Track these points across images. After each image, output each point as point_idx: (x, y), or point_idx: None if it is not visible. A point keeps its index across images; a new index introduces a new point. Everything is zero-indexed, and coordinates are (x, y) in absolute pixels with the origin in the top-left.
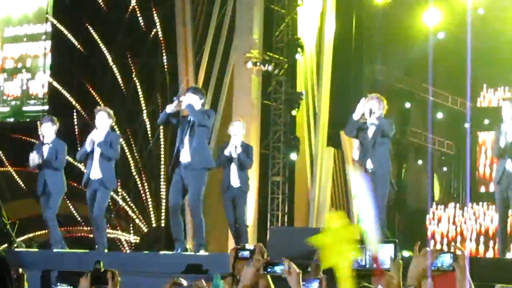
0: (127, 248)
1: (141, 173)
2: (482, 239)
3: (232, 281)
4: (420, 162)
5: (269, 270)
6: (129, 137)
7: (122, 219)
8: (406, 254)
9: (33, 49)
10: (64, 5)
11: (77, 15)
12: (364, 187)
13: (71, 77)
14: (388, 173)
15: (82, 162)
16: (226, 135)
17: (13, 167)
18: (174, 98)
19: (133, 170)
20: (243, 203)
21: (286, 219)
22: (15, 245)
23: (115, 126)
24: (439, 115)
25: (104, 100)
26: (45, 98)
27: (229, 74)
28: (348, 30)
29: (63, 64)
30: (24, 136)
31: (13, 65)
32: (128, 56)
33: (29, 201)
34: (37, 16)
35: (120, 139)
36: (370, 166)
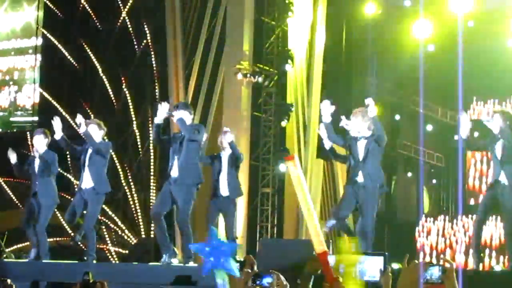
0: (116, 259)
1: (130, 184)
2: (471, 251)
3: None
4: (409, 175)
5: (258, 282)
6: (119, 148)
7: (111, 230)
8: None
9: (20, 62)
10: (55, 17)
11: (67, 26)
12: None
13: (61, 88)
14: (378, 186)
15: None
16: (216, 147)
17: (1, 178)
18: (167, 113)
19: (123, 181)
20: (232, 214)
21: (275, 231)
22: (4, 255)
23: (105, 137)
24: (429, 127)
25: (94, 111)
26: (32, 109)
27: (219, 86)
28: (338, 42)
29: (54, 75)
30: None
31: (1, 77)
32: (118, 67)
33: (18, 211)
34: (24, 31)
35: (110, 148)
36: (361, 180)
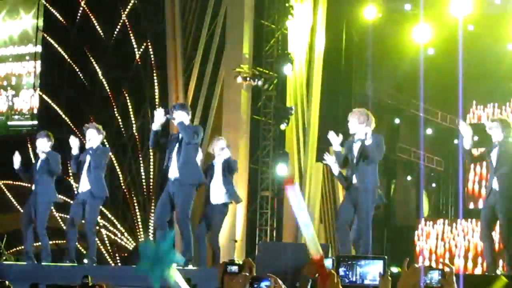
0: (115, 262)
1: (130, 187)
2: (470, 255)
3: None
4: (409, 178)
5: (255, 286)
6: (119, 151)
7: (110, 234)
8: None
9: (18, 68)
10: (55, 21)
11: (67, 30)
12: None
13: (61, 91)
14: (372, 188)
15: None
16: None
17: (2, 181)
18: (167, 116)
19: (122, 185)
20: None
21: (274, 234)
22: (4, 258)
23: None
24: (429, 131)
25: (93, 114)
26: (29, 114)
27: (218, 89)
28: (338, 46)
29: (53, 79)
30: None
31: None
32: (118, 71)
33: (18, 214)
34: (21, 38)
35: (109, 153)
36: (355, 181)
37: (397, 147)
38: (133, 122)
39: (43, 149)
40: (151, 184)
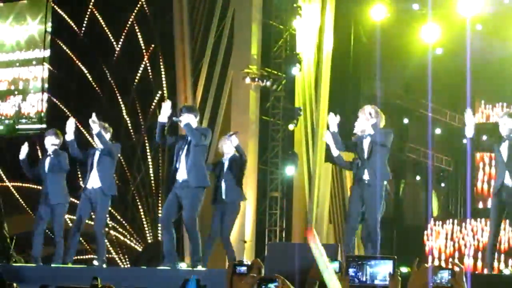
0: (125, 263)
1: (139, 188)
2: (480, 255)
3: None
4: (418, 178)
5: (263, 287)
6: (127, 153)
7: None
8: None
9: (25, 73)
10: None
11: (75, 32)
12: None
13: (69, 94)
14: (383, 183)
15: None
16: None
17: (11, 182)
18: (174, 119)
19: (131, 186)
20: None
21: (284, 235)
22: (13, 260)
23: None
24: (437, 131)
25: (102, 116)
26: (36, 117)
27: (227, 90)
28: (346, 46)
29: (62, 82)
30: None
31: (7, 87)
32: (126, 72)
33: (26, 216)
34: (28, 43)
35: (119, 149)
36: (366, 177)
37: (406, 147)
38: (142, 123)
39: (51, 147)
40: (160, 185)
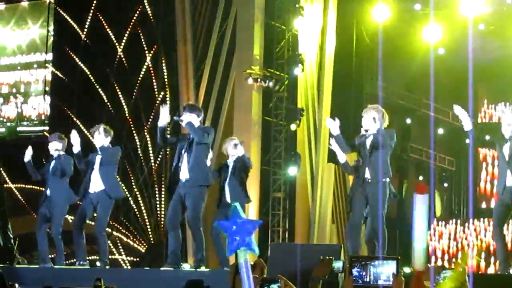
0: (127, 265)
1: (142, 190)
2: (483, 255)
3: None
4: (421, 178)
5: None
6: (130, 154)
7: (123, 235)
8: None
9: (26, 76)
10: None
11: (77, 32)
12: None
13: (72, 96)
14: (385, 180)
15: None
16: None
17: (13, 184)
18: (175, 118)
19: (134, 187)
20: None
21: (286, 235)
22: (17, 261)
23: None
24: (440, 131)
25: (105, 117)
26: (37, 120)
27: (229, 91)
28: (348, 46)
29: (64, 84)
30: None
31: (8, 90)
32: (129, 72)
33: (29, 217)
34: (29, 47)
35: (120, 152)
36: (368, 176)
37: (408, 147)
38: (144, 124)
39: (55, 151)
40: (163, 186)
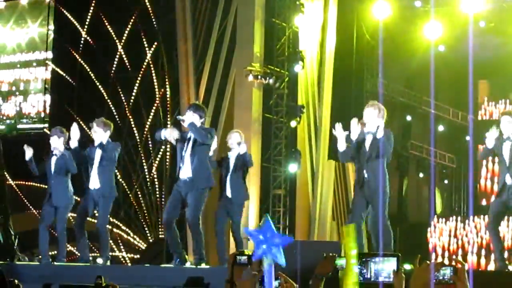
0: (127, 262)
1: (142, 187)
2: (483, 252)
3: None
4: (421, 175)
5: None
6: (131, 151)
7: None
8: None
9: (25, 74)
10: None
11: (77, 28)
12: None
13: (72, 93)
14: (385, 183)
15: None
16: (227, 150)
17: (14, 181)
18: (177, 117)
19: (135, 184)
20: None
21: (287, 232)
22: (18, 258)
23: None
24: (440, 128)
25: (105, 115)
26: (37, 117)
27: (230, 88)
28: (349, 44)
29: (65, 81)
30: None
31: (8, 88)
32: (129, 70)
33: (29, 214)
34: (29, 46)
35: (119, 148)
36: (366, 177)
37: (409, 144)
38: (145, 121)
39: (57, 147)
40: (164, 183)
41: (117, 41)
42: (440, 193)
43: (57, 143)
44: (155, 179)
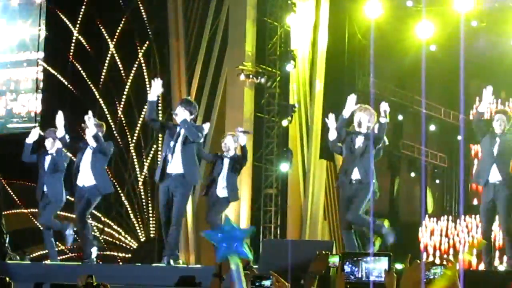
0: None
1: (134, 185)
2: (474, 251)
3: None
4: (412, 175)
5: (257, 284)
6: (122, 150)
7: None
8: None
9: (16, 74)
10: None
11: (69, 28)
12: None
13: (64, 92)
14: (372, 184)
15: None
16: (219, 148)
17: (5, 180)
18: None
19: (126, 183)
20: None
21: (278, 231)
22: (9, 256)
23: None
24: (432, 127)
25: (97, 113)
26: (27, 116)
27: (221, 87)
28: (341, 43)
29: (56, 80)
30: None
31: None
32: (121, 68)
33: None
34: (19, 46)
35: (112, 147)
36: (357, 177)
37: (400, 144)
38: (137, 120)
39: (51, 147)
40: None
41: (109, 40)
42: (431, 192)
43: (51, 144)
44: (147, 178)
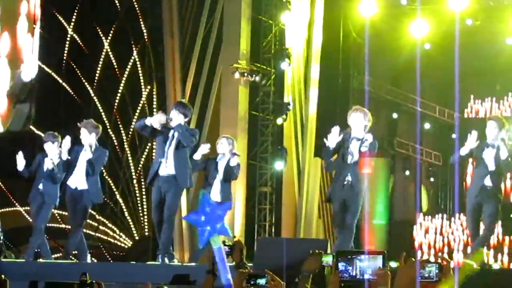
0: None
1: (128, 184)
2: (469, 249)
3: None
4: (407, 173)
5: (252, 282)
6: (116, 148)
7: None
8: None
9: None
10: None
11: (63, 24)
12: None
13: (58, 91)
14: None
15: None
16: (213, 146)
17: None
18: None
19: (121, 181)
20: None
21: (273, 230)
22: (4, 255)
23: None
24: (427, 125)
25: (91, 111)
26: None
27: (216, 85)
28: (336, 41)
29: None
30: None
31: None
32: (115, 67)
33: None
34: None
35: (106, 155)
36: (349, 179)
37: (395, 142)
38: (131, 119)
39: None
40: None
41: (103, 38)
42: (426, 190)
43: (52, 148)
44: (141, 177)
